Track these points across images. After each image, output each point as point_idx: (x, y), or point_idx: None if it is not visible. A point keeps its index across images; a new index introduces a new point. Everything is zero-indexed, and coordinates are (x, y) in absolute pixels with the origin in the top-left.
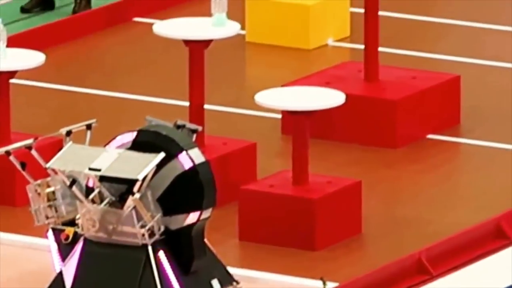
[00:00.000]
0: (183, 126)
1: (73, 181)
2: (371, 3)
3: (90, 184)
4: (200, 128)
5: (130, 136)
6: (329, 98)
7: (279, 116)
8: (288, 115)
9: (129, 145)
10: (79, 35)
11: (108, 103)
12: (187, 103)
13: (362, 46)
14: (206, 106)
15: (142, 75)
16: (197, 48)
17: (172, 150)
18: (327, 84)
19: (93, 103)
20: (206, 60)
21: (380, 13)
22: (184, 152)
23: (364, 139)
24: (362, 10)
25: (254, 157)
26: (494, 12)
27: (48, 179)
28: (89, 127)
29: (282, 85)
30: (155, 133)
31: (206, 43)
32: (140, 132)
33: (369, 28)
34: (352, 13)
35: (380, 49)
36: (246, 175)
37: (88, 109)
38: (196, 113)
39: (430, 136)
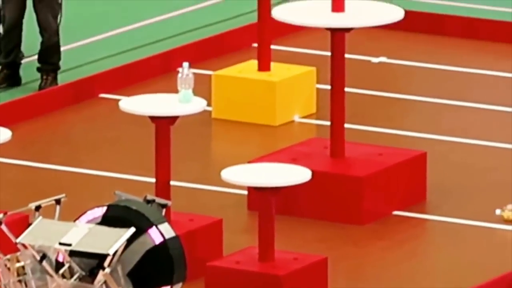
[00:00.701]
0: (153, 201)
1: (43, 256)
2: (337, 80)
3: (60, 259)
4: (169, 203)
5: (100, 211)
6: (295, 174)
7: (245, 192)
8: (254, 191)
9: (99, 219)
10: (45, 111)
11: (74, 179)
12: (153, 180)
13: (328, 123)
14: (172, 183)
15: (108, 151)
16: (163, 125)
17: (142, 225)
18: (294, 160)
19: (59, 179)
20: (172, 136)
21: (346, 89)
22: (154, 227)
23: (331, 216)
24: (328, 87)
25: (220, 234)
26: (459, 88)
27: (18, 253)
28: (58, 202)
29: (249, 162)
30: (125, 208)
31: (172, 119)
32: (110, 207)
33: (335, 104)
34: (318, 90)
35: (346, 125)
36: (212, 252)
37: (53, 185)
38: (163, 189)
39: (396, 212)
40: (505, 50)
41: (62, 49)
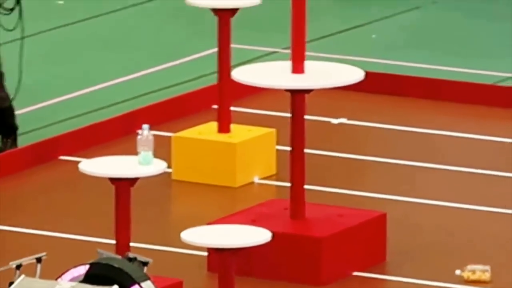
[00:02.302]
0: (135, 259)
1: None
2: (297, 141)
3: None
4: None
5: (82, 269)
6: (255, 235)
7: (205, 253)
8: (214, 252)
9: (81, 277)
10: (5, 173)
11: (36, 242)
12: (113, 241)
13: (288, 184)
14: (132, 244)
15: (69, 213)
16: (123, 186)
17: (125, 282)
18: (253, 221)
19: (20, 242)
20: (132, 198)
21: (306, 150)
22: (136, 285)
23: (291, 277)
24: (288, 148)
25: None
26: (419, 149)
27: None
28: (39, 260)
29: (208, 223)
30: (108, 265)
31: (132, 181)
32: (92, 265)
33: (295, 165)
34: (278, 151)
35: (306, 186)
36: None
37: (15, 248)
38: (123, 251)
39: (356, 273)
40: (466, 111)
41: (23, 111)
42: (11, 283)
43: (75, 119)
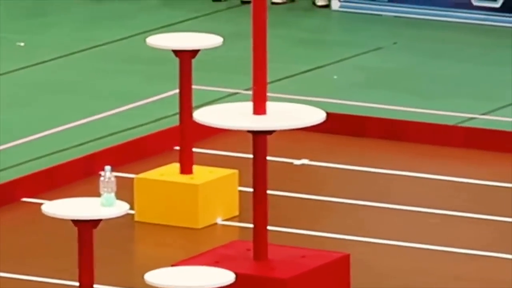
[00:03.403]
0: None
1: None
2: (259, 182)
3: None
4: None
5: None
6: (219, 277)
7: None
8: None
9: None
10: None
11: None
12: (77, 283)
13: (251, 225)
14: (96, 286)
15: (31, 255)
16: (85, 228)
17: None
18: (217, 263)
19: None
20: (95, 239)
21: (269, 191)
22: None
23: None
24: (250, 189)
25: None
26: (381, 190)
27: None
28: None
29: (172, 265)
30: None
31: (95, 223)
32: None
33: (258, 207)
34: (240, 192)
35: (269, 227)
36: None
37: None
38: None
39: None
40: (428, 152)
41: None
42: None
43: (35, 161)
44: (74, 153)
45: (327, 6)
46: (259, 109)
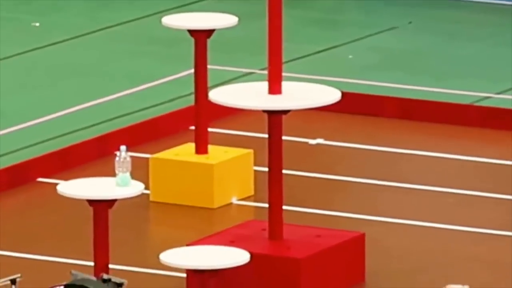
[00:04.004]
0: (109, 280)
1: None
2: (275, 162)
3: None
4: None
5: None
6: (234, 257)
7: (184, 275)
8: (193, 274)
9: None
10: None
11: (12, 264)
12: (92, 263)
13: (266, 205)
14: (111, 266)
15: (46, 235)
16: (101, 208)
17: None
18: (232, 243)
19: None
20: (110, 219)
21: (284, 171)
22: None
23: None
24: (265, 169)
25: None
26: (395, 169)
27: None
28: (13, 282)
29: (187, 244)
30: (82, 287)
31: (110, 203)
32: (67, 286)
33: (273, 186)
34: (256, 172)
35: (284, 207)
36: None
37: None
38: (101, 272)
39: None
40: (442, 131)
41: None
42: None
43: (51, 141)
44: (89, 134)
45: None
46: (274, 89)
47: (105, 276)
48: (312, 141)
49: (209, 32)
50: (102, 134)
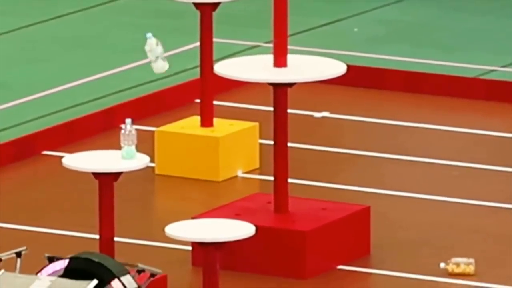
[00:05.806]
0: (143, 271)
1: None
2: (280, 135)
3: None
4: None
5: (62, 264)
6: (239, 230)
7: (189, 248)
8: (198, 247)
9: (61, 272)
10: None
11: (17, 237)
12: (97, 236)
13: (271, 178)
14: (116, 239)
15: (51, 207)
16: (106, 181)
17: (104, 277)
18: (237, 216)
19: (1, 236)
20: (115, 192)
21: (289, 144)
22: (116, 279)
23: (275, 270)
24: (271, 142)
25: None
26: (401, 142)
27: None
28: (19, 254)
29: (192, 217)
30: (87, 260)
31: (116, 175)
32: (72, 259)
33: (278, 159)
34: (261, 145)
35: (290, 180)
36: None
37: None
38: (106, 246)
39: (340, 267)
40: (448, 104)
41: (3, 106)
42: None
43: (56, 114)
44: (94, 107)
45: None
46: (279, 61)
47: (140, 267)
48: (318, 114)
49: (215, 5)
50: (107, 107)
